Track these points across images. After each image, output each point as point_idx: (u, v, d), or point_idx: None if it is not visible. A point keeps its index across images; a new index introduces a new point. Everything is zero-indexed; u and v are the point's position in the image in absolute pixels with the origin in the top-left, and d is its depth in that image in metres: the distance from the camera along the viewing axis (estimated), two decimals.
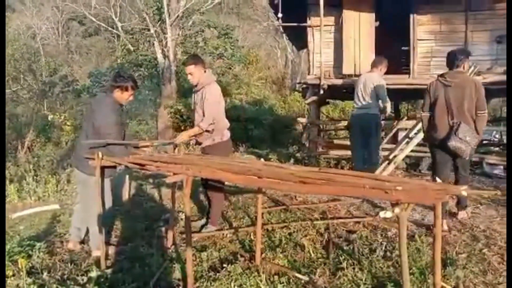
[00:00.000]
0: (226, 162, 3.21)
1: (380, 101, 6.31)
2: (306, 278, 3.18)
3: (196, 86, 4.31)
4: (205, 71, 4.29)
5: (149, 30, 16.15)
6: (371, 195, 2.47)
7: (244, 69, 23.24)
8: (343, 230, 4.47)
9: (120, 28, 18.64)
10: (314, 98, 8.61)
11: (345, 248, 3.88)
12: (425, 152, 7.90)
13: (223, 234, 4.37)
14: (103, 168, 3.56)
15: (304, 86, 9.31)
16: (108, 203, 3.84)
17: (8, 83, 17.31)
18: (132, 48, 17.86)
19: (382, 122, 7.21)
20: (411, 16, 8.17)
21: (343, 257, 3.55)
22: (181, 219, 4.77)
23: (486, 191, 5.44)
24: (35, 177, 6.94)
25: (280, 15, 8.36)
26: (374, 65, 6.44)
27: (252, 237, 4.14)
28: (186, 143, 4.54)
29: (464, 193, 2.05)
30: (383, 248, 3.72)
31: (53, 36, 31.29)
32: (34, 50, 20.01)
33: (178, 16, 15.44)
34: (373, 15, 8.31)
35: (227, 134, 4.48)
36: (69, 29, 34.41)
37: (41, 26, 28.82)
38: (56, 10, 31.03)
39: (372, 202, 5.45)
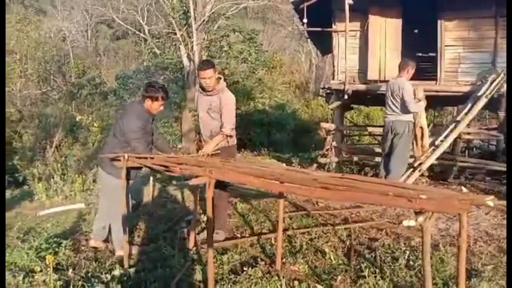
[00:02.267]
0: (248, 166, 3.23)
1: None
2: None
3: (209, 91, 4.26)
4: (220, 77, 4.33)
5: (175, 34, 16.38)
6: (395, 203, 2.45)
7: (268, 73, 23.27)
8: (365, 237, 4.42)
9: (147, 32, 18.98)
10: (338, 103, 8.56)
11: (367, 255, 3.84)
12: (452, 160, 7.77)
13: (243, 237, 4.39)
14: (128, 169, 3.64)
15: (328, 91, 9.27)
16: (131, 203, 3.93)
17: (38, 84, 17.88)
18: (158, 52, 18.13)
19: None
20: (439, 22, 8.03)
21: (364, 264, 3.51)
22: (203, 221, 4.81)
23: None
24: (62, 176, 7.11)
25: (305, 20, 8.35)
26: (401, 68, 6.14)
27: (273, 241, 4.15)
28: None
29: (490, 204, 2.01)
30: (406, 256, 3.67)
31: (82, 39, 32.14)
32: (64, 52, 20.60)
33: (204, 20, 15.61)
34: (399, 21, 8.21)
35: (235, 138, 4.54)
36: (98, 32, 35.31)
37: (71, 29, 29.63)
38: (86, 14, 31.90)
39: (395, 209, 5.37)
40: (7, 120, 15.12)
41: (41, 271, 3.21)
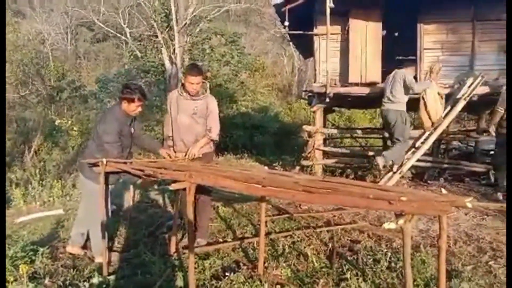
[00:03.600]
0: (230, 170, 3.20)
1: (410, 92, 6.52)
2: None
3: (192, 95, 4.17)
4: (204, 81, 4.30)
5: (157, 36, 16.28)
6: (375, 206, 2.45)
7: (250, 76, 23.30)
8: (348, 239, 4.43)
9: (128, 35, 18.81)
10: (320, 106, 8.60)
11: (349, 258, 3.85)
12: (432, 162, 7.88)
13: (226, 241, 4.35)
14: (107, 174, 3.57)
15: (310, 94, 9.31)
16: (110, 209, 3.86)
17: (17, 87, 17.48)
18: (139, 55, 17.98)
19: None
20: (418, 25, 8.15)
21: (346, 267, 3.52)
22: (184, 227, 4.75)
23: (492, 203, 5.39)
24: (40, 182, 6.96)
25: (286, 23, 8.37)
26: (404, 65, 6.76)
27: (255, 245, 4.12)
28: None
29: (469, 205, 2.02)
30: (388, 258, 3.69)
31: (62, 42, 31.67)
32: (43, 55, 20.22)
33: (185, 23, 15.56)
34: (380, 24, 8.31)
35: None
36: (78, 34, 34.83)
37: (51, 32, 29.14)
38: (66, 16, 31.45)
39: (377, 211, 5.41)
40: None
41: (15, 280, 3.11)
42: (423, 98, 6.81)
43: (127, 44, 21.24)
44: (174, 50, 15.39)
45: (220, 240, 4.50)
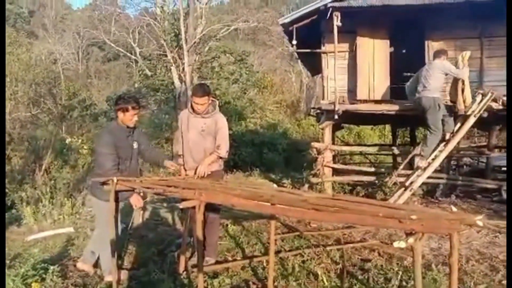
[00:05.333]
0: (239, 188, 3.21)
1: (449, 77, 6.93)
2: None
3: (200, 113, 4.23)
4: (213, 100, 4.34)
5: (166, 56, 16.53)
6: (385, 225, 2.44)
7: (259, 93, 23.45)
8: (358, 258, 4.38)
9: (138, 54, 19.13)
10: (329, 123, 8.60)
11: (359, 277, 3.80)
12: (443, 178, 7.81)
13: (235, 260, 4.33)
14: (117, 192, 3.59)
15: (319, 111, 9.33)
16: (120, 227, 3.87)
17: (28, 106, 17.77)
18: (149, 73, 18.24)
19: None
20: (426, 42, 8.19)
21: (357, 286, 3.48)
22: (193, 245, 4.74)
23: (503, 221, 5.30)
24: (51, 200, 7.00)
25: (294, 41, 8.46)
26: (436, 55, 6.98)
27: (265, 264, 4.09)
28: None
29: (480, 223, 2.01)
30: (399, 277, 3.64)
31: (74, 61, 32.26)
32: (54, 74, 20.56)
33: (195, 42, 15.79)
34: (387, 41, 8.36)
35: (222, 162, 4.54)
36: (89, 54, 35.51)
37: (62, 52, 29.73)
38: (77, 36, 32.12)
39: (388, 229, 5.35)
40: None
41: None
42: (462, 82, 6.99)
43: (137, 63, 21.59)
44: (183, 68, 15.60)
45: (229, 258, 4.48)
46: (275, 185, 9.07)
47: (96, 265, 4.06)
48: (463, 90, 7.01)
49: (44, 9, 43.02)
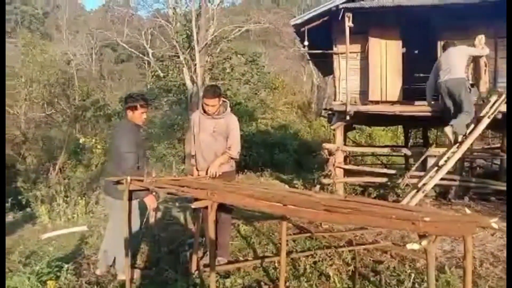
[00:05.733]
0: (250, 188, 3.22)
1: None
2: None
3: (211, 114, 4.27)
4: (225, 101, 4.37)
5: (178, 57, 16.63)
6: (398, 227, 2.42)
7: (270, 94, 23.46)
8: (370, 259, 4.37)
9: (150, 55, 19.26)
10: (340, 124, 8.57)
11: (372, 279, 3.79)
12: (456, 180, 7.73)
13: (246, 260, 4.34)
14: (131, 192, 3.63)
15: (330, 112, 9.31)
16: (135, 226, 3.90)
17: (43, 106, 18.04)
18: (162, 74, 18.35)
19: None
20: (438, 43, 8.11)
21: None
22: (205, 244, 4.77)
23: None
24: (65, 199, 7.10)
25: (306, 42, 8.45)
26: (448, 45, 7.10)
27: (276, 264, 4.10)
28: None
29: (495, 225, 1.99)
30: (412, 279, 3.62)
31: (87, 62, 32.62)
32: (68, 75, 20.82)
33: (206, 43, 15.86)
34: (399, 42, 8.30)
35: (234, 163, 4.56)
36: (102, 55, 35.88)
37: (76, 53, 30.09)
38: (90, 38, 32.48)
39: (400, 231, 5.31)
40: (11, 142, 15.22)
41: None
42: (485, 63, 7.08)
43: (149, 64, 21.76)
44: (195, 69, 15.66)
45: (241, 258, 4.50)
46: (286, 186, 9.07)
47: (112, 264, 4.11)
48: (485, 71, 7.07)
49: (58, 10, 43.68)
